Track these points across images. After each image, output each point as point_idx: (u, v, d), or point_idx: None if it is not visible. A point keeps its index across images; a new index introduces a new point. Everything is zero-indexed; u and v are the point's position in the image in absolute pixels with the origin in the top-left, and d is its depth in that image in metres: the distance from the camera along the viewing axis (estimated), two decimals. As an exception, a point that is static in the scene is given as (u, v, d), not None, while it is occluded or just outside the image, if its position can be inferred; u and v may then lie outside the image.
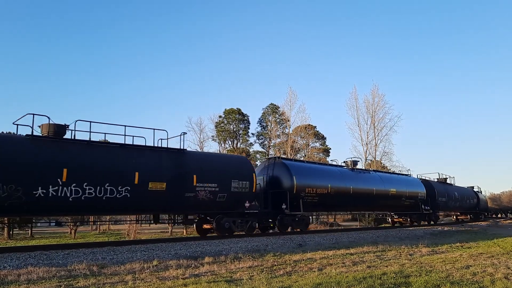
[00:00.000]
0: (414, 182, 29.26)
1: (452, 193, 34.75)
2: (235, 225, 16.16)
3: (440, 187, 32.59)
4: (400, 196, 26.17)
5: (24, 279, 7.57)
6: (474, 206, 40.93)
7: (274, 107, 50.03)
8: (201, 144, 41.79)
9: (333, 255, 11.55)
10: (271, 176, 19.12)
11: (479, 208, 42.38)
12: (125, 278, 7.76)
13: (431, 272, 8.49)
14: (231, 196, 15.56)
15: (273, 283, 7.09)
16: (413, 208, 27.89)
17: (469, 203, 39.37)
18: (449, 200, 33.54)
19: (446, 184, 35.70)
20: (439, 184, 33.86)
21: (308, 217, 20.90)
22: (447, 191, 33.82)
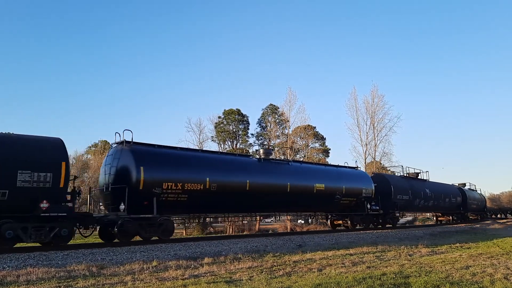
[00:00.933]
0: (358, 176, 24.18)
1: (421, 190, 29.25)
2: (25, 234, 11.69)
3: (401, 183, 27.15)
4: (332, 194, 21.52)
5: (23, 279, 7.57)
6: (458, 206, 36.29)
7: (273, 107, 50.01)
8: (201, 145, 41.77)
9: (333, 255, 11.55)
10: (116, 167, 14.63)
11: (465, 209, 37.24)
12: (124, 279, 7.76)
13: (431, 272, 8.49)
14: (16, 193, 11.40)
15: (272, 284, 7.09)
16: (355, 208, 23.33)
17: (450, 203, 34.41)
18: (415, 198, 28.11)
19: (414, 179, 30.20)
20: (401, 179, 28.35)
21: (172, 222, 15.60)
22: (413, 187, 28.13)
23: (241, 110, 48.82)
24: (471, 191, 41.49)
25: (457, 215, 37.31)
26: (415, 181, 29.79)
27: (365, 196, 23.52)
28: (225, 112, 48.45)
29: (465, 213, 38.23)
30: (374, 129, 42.33)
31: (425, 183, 31.18)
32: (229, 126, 48.17)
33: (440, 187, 33.99)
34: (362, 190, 23.48)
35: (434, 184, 33.07)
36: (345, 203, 22.56)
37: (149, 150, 15.38)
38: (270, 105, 50.54)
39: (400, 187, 26.75)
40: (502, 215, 69.37)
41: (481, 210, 45.29)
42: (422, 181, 31.26)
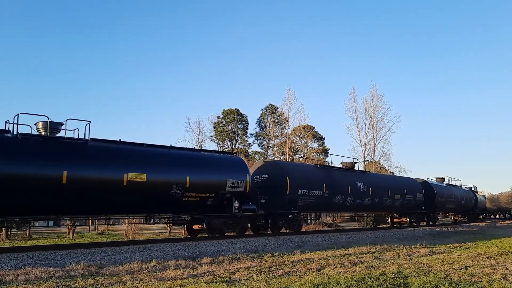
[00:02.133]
0: (222, 163, 16.71)
1: (347, 185, 22.16)
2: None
3: (306, 174, 20.19)
4: (164, 187, 14.34)
5: (22, 279, 7.56)
6: (418, 204, 29.47)
7: (272, 107, 50.06)
8: (200, 145, 41.78)
9: (332, 255, 11.56)
10: None
11: (430, 207, 31.14)
12: (123, 279, 7.75)
13: (430, 272, 8.50)
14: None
15: (271, 284, 7.09)
16: (213, 208, 15.98)
17: (405, 201, 27.26)
18: (334, 195, 21.03)
19: (343, 170, 23.77)
20: (309, 169, 21.59)
21: None
22: (332, 180, 21.26)
23: (240, 110, 48.91)
24: (446, 187, 35.02)
25: (418, 216, 30.07)
26: (343, 173, 22.82)
27: (230, 191, 16.00)
28: (224, 112, 48.48)
29: (432, 213, 31.69)
30: (373, 129, 42.42)
31: (361, 176, 24.11)
32: (228, 126, 48.20)
33: (388, 182, 26.93)
34: (226, 182, 15.88)
35: (378, 178, 26.83)
36: (191, 200, 15.08)
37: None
38: (269, 105, 50.63)
39: (304, 179, 19.34)
40: (501, 215, 69.48)
41: (468, 210, 40.15)
42: (359, 173, 24.49)
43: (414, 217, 29.71)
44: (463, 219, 41.21)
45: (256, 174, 19.36)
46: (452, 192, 35.16)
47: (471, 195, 40.79)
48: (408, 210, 28.75)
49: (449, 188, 35.65)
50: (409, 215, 29.46)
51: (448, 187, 35.43)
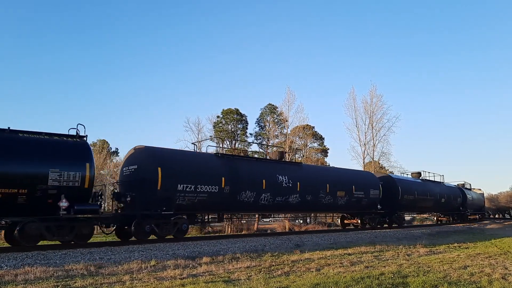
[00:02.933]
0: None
1: (261, 178, 17.61)
2: None
3: (188, 166, 15.57)
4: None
5: (21, 279, 7.55)
6: (371, 203, 23.79)
7: (272, 107, 50.01)
8: (199, 144, 41.79)
9: (331, 255, 11.56)
10: None
11: (387, 206, 25.15)
12: (122, 278, 7.75)
13: (429, 272, 8.51)
14: None
15: (271, 283, 7.09)
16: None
17: (353, 198, 22.32)
18: (240, 190, 16.70)
19: (266, 162, 19.94)
20: (206, 158, 17.43)
21: None
22: (236, 174, 16.77)
23: (239, 109, 48.82)
24: (418, 182, 29.42)
25: (374, 217, 24.62)
26: (257, 164, 18.58)
27: (56, 186, 11.92)
28: (224, 112, 48.44)
29: (394, 213, 26.31)
30: (373, 129, 42.31)
31: (287, 168, 19.44)
32: (228, 125, 48.15)
33: (328, 176, 21.69)
34: (49, 173, 11.86)
35: (314, 171, 22.19)
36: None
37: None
38: (268, 105, 50.55)
39: (188, 171, 15.25)
40: (500, 215, 69.54)
41: (453, 209, 35.37)
42: (285, 165, 19.98)
43: (368, 218, 24.08)
44: (447, 220, 36.69)
45: (125, 165, 15.71)
46: (426, 189, 29.58)
47: (456, 192, 35.56)
48: (358, 209, 23.37)
49: (423, 184, 29.95)
50: (360, 215, 23.93)
51: (422, 183, 29.85)
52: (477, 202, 42.56)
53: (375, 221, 24.67)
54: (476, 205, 42.23)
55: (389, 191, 25.33)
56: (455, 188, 36.67)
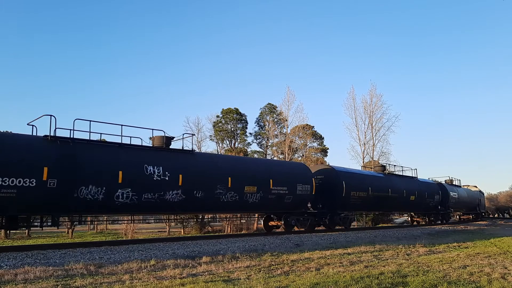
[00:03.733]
0: None
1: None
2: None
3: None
4: None
5: (21, 278, 7.55)
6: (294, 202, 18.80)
7: (271, 106, 50.01)
8: (199, 144, 41.79)
9: (331, 254, 11.57)
10: None
11: (321, 206, 21.14)
12: (122, 278, 7.75)
13: (428, 272, 8.51)
14: None
15: (270, 283, 7.10)
16: None
17: (268, 194, 17.53)
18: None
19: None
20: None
21: None
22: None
23: (239, 109, 48.83)
24: (371, 176, 24.70)
25: (305, 218, 19.91)
26: (114, 151, 13.83)
27: None
28: (223, 111, 48.43)
29: (335, 213, 21.59)
30: (372, 129, 42.38)
31: (169, 157, 15.02)
32: (227, 125, 48.14)
33: (232, 168, 16.91)
34: None
35: (211, 161, 16.70)
36: None
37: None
38: (268, 104, 50.56)
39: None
40: (500, 214, 69.56)
41: (430, 208, 30.83)
42: (167, 153, 15.17)
43: (295, 219, 19.08)
44: (421, 221, 32.61)
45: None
46: (388, 184, 24.96)
47: (432, 189, 30.58)
48: (279, 209, 18.71)
49: (385, 178, 25.50)
50: (285, 216, 18.83)
51: (382, 178, 25.25)
52: (468, 200, 38.01)
53: (305, 223, 19.65)
54: (466, 203, 37.79)
55: (330, 187, 20.89)
56: (432, 184, 31.84)
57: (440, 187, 32.31)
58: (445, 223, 32.89)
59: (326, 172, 21.88)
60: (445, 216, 33.24)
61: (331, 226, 21.71)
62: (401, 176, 28.51)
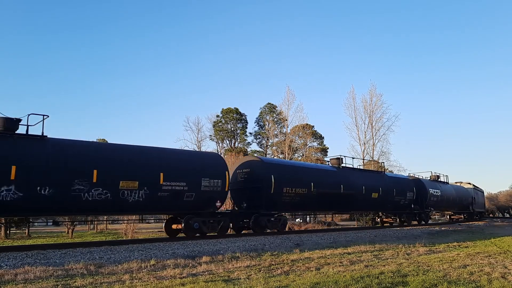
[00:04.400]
0: None
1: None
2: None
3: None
4: None
5: (21, 278, 7.55)
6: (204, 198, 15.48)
7: (271, 106, 50.06)
8: (199, 144, 41.82)
9: (331, 254, 11.57)
10: None
11: (248, 205, 17.78)
12: (122, 278, 7.75)
13: (428, 271, 8.51)
14: None
15: (270, 283, 7.10)
16: None
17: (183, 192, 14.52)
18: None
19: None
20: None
21: None
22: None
23: (239, 109, 48.93)
24: (315, 170, 20.79)
25: (215, 221, 15.96)
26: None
27: None
28: (224, 111, 48.48)
29: (262, 214, 17.56)
30: (372, 128, 42.42)
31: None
32: (227, 125, 48.19)
33: (96, 157, 13.19)
34: None
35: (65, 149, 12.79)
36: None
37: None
38: (268, 104, 50.64)
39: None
40: (500, 214, 69.59)
41: (400, 207, 26.69)
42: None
43: (199, 221, 15.15)
44: (392, 221, 28.42)
45: None
46: (341, 180, 21.02)
47: (404, 186, 26.56)
48: (176, 210, 15.13)
49: (337, 173, 21.49)
50: (186, 217, 15.00)
51: (332, 172, 21.26)
52: (456, 198, 34.04)
53: (215, 226, 15.75)
54: (455, 202, 33.91)
55: (256, 183, 17.35)
56: (404, 180, 27.68)
57: (416, 184, 28.31)
58: (423, 224, 29.15)
59: (253, 165, 18.09)
60: (422, 216, 29.20)
61: (256, 229, 17.34)
62: (363, 171, 25.06)
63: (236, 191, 18.47)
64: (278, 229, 18.30)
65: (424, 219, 29.63)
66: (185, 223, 14.98)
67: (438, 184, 31.94)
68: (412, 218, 28.38)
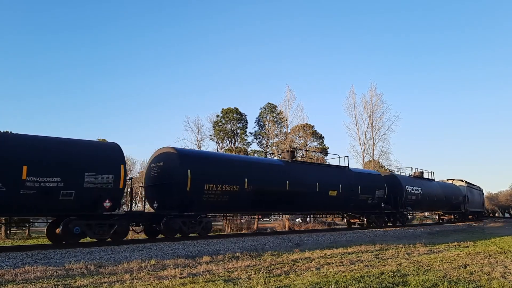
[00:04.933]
0: None
1: None
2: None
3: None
4: None
5: (22, 278, 7.56)
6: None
7: (271, 106, 50.02)
8: (199, 144, 41.82)
9: (331, 254, 11.57)
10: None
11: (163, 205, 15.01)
12: (122, 278, 7.75)
13: (429, 271, 8.51)
14: None
15: (271, 282, 7.10)
16: None
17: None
18: None
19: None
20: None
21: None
22: None
23: (239, 109, 48.86)
24: (253, 163, 18.17)
25: (102, 225, 13.27)
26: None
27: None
28: (224, 111, 48.44)
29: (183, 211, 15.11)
30: (373, 128, 42.42)
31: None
32: (228, 125, 48.16)
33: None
34: None
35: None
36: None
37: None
38: (268, 104, 50.57)
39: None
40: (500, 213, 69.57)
41: (368, 207, 23.42)
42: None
43: (82, 224, 12.48)
44: (360, 223, 25.45)
45: None
46: (280, 174, 18.14)
47: (372, 183, 23.19)
48: (46, 211, 12.51)
49: (290, 167, 19.09)
50: (65, 220, 12.29)
51: (278, 167, 18.53)
52: (442, 197, 30.97)
53: (103, 230, 13.02)
54: (441, 201, 30.91)
55: (165, 179, 14.90)
56: (373, 176, 24.21)
57: (388, 180, 24.56)
58: (400, 225, 25.76)
59: (167, 157, 15.31)
60: (397, 216, 25.85)
61: (167, 234, 14.67)
62: (320, 165, 22.78)
63: (149, 189, 15.78)
64: (199, 232, 15.43)
65: (399, 219, 26.07)
66: (63, 227, 12.16)
67: (420, 181, 28.73)
68: (382, 219, 24.76)
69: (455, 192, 33.67)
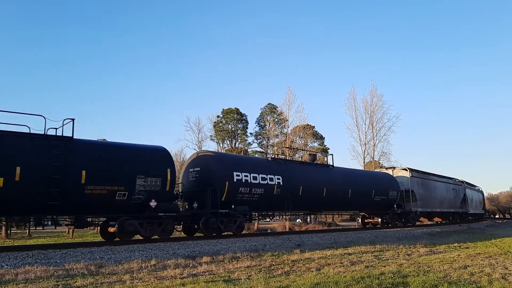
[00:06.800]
0: None
1: None
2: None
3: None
4: None
5: (22, 278, 7.56)
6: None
7: (272, 106, 50.02)
8: (200, 144, 41.83)
9: (331, 255, 11.56)
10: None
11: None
12: (123, 278, 7.76)
13: (429, 272, 8.51)
14: None
15: (271, 283, 7.09)
16: None
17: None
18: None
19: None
20: None
21: None
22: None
23: (239, 109, 48.87)
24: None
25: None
26: None
27: None
28: (224, 111, 48.44)
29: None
30: (373, 129, 42.40)
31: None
32: (228, 125, 48.16)
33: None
34: None
35: None
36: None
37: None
38: (268, 104, 50.56)
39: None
40: (500, 214, 69.53)
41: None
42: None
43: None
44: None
45: None
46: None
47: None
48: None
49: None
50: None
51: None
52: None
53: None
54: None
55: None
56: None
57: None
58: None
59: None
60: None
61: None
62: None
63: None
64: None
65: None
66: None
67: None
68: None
69: (386, 184, 24.85)
